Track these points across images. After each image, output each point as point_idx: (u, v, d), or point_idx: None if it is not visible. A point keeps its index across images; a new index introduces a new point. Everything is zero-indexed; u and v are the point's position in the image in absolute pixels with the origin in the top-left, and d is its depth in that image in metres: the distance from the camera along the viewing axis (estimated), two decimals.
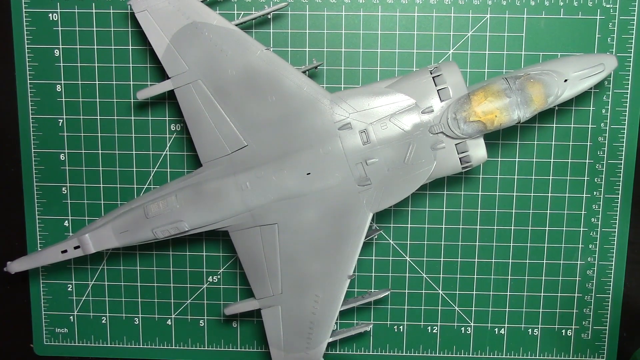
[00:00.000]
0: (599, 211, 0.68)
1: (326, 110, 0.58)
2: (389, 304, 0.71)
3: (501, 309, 0.70)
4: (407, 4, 0.65)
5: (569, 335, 0.71)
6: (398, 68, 0.66)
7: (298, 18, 0.65)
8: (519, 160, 0.67)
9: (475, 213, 0.68)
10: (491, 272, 0.69)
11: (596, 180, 0.68)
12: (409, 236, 0.69)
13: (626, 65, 0.65)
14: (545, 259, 0.69)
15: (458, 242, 0.69)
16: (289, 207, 0.59)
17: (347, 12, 0.65)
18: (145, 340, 0.72)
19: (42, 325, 0.72)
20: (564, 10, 0.65)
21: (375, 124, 0.57)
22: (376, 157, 0.57)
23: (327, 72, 0.66)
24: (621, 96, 0.66)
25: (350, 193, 0.58)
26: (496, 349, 0.71)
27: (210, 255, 0.70)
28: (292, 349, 0.63)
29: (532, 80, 0.57)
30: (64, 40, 0.66)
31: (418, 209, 0.69)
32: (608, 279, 0.69)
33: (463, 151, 0.58)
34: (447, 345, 0.71)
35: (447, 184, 0.68)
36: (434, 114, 0.57)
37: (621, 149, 0.67)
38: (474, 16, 0.65)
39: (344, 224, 0.59)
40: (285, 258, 0.61)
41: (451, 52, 0.66)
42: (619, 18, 0.65)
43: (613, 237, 0.69)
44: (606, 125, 0.67)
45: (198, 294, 0.71)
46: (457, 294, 0.70)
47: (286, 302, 0.62)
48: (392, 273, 0.70)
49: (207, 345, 0.72)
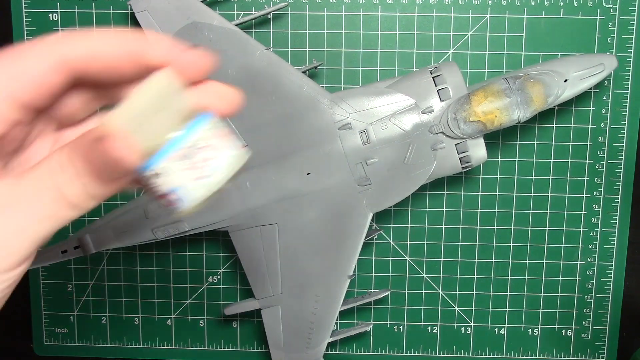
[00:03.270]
0: (599, 211, 0.68)
1: (326, 110, 0.58)
2: (389, 304, 0.71)
3: (501, 309, 0.70)
4: (407, 4, 0.65)
5: (569, 335, 0.71)
6: (398, 68, 0.66)
7: (298, 18, 0.65)
8: (519, 160, 0.67)
9: (475, 213, 0.68)
10: (491, 272, 0.69)
11: (596, 180, 0.68)
12: (409, 236, 0.69)
13: (626, 65, 0.65)
14: (545, 259, 0.69)
15: (458, 242, 0.69)
16: (289, 207, 0.59)
17: (347, 12, 0.65)
18: (145, 340, 0.72)
19: (42, 325, 0.72)
20: (564, 10, 0.65)
21: (375, 124, 0.57)
22: (376, 157, 0.57)
23: (327, 72, 0.66)
24: (621, 96, 0.66)
25: (350, 193, 0.58)
26: (496, 349, 0.71)
27: (210, 255, 0.70)
28: (292, 349, 0.63)
29: (532, 80, 0.57)
30: None
31: (418, 209, 0.69)
32: (608, 279, 0.69)
33: (463, 151, 0.58)
34: (447, 345, 0.71)
35: (447, 184, 0.68)
36: (434, 114, 0.57)
37: (621, 149, 0.67)
38: (474, 16, 0.65)
39: (344, 224, 0.59)
40: (285, 258, 0.61)
41: (451, 52, 0.66)
42: (619, 18, 0.65)
43: (613, 237, 0.68)
44: (606, 125, 0.67)
45: (198, 294, 0.71)
46: (457, 294, 0.70)
47: (286, 302, 0.62)
48: (392, 273, 0.70)
49: (207, 345, 0.72)
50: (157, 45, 0.28)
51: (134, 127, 0.26)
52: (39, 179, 0.26)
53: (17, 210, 0.25)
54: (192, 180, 0.29)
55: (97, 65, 0.27)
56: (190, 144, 0.29)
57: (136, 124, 0.26)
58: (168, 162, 0.28)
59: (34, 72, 0.27)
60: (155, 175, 0.27)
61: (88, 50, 0.27)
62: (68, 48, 0.27)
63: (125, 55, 0.28)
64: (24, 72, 0.27)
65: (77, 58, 0.27)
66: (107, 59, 0.27)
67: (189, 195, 0.29)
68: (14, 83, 0.27)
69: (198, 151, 0.29)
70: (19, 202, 0.25)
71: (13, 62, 0.27)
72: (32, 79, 0.27)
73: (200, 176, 0.29)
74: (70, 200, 0.26)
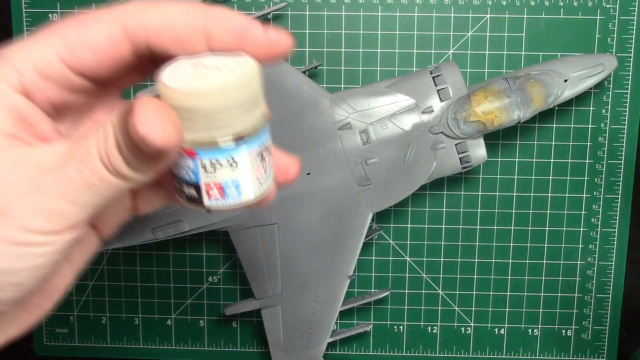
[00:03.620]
0: (599, 211, 0.68)
1: (326, 110, 0.58)
2: (389, 304, 0.71)
3: (501, 309, 0.70)
4: (407, 4, 0.65)
5: (569, 336, 0.71)
6: (398, 68, 0.66)
7: (298, 18, 0.65)
8: (519, 160, 0.67)
9: (475, 213, 0.68)
10: (491, 272, 0.69)
11: (596, 180, 0.68)
12: (409, 236, 0.69)
13: (626, 65, 0.65)
14: (545, 259, 0.69)
15: (458, 242, 0.69)
16: (289, 207, 0.59)
17: (347, 12, 0.65)
18: (145, 340, 0.72)
19: (42, 325, 0.72)
20: (564, 10, 0.65)
21: (375, 124, 0.57)
22: (376, 157, 0.57)
23: (327, 72, 0.66)
24: (621, 96, 0.66)
25: (350, 193, 0.58)
26: (496, 349, 0.71)
27: (210, 255, 0.70)
28: (292, 349, 0.63)
29: (532, 80, 0.57)
30: None
31: (418, 209, 0.69)
32: (608, 279, 0.69)
33: (463, 151, 0.58)
34: (447, 345, 0.71)
35: (447, 184, 0.68)
36: (434, 114, 0.57)
37: (621, 149, 0.67)
38: (474, 16, 0.65)
39: (344, 224, 0.59)
40: (285, 258, 0.61)
41: (451, 52, 0.66)
42: (619, 18, 0.65)
43: (613, 237, 0.68)
44: (606, 125, 0.67)
45: (198, 294, 0.71)
46: (457, 294, 0.70)
47: (286, 302, 0.62)
48: (392, 273, 0.70)
49: (207, 345, 0.72)
50: (231, 22, 0.27)
51: (191, 114, 0.25)
52: (87, 144, 0.26)
53: (64, 174, 0.25)
54: (253, 179, 0.28)
55: (162, 39, 0.27)
56: (266, 144, 0.29)
57: (203, 110, 0.25)
58: (245, 155, 0.27)
59: (96, 39, 0.27)
60: (216, 164, 0.27)
61: (154, 21, 0.27)
62: (133, 17, 0.27)
63: (192, 30, 0.27)
64: (87, 38, 0.27)
65: (144, 28, 0.27)
66: (171, 33, 0.27)
67: (244, 192, 0.28)
68: (76, 49, 0.27)
69: (267, 154, 0.29)
70: (66, 166, 0.25)
71: (76, 30, 0.27)
72: (94, 45, 0.27)
73: (260, 177, 0.29)
74: (115, 169, 0.26)
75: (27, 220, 0.25)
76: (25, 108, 0.27)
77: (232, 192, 0.28)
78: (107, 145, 0.25)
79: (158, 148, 0.24)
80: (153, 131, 0.24)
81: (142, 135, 0.24)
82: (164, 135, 0.24)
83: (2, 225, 0.25)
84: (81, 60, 0.27)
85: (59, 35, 0.27)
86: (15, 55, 0.27)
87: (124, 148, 0.25)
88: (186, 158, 0.27)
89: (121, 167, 0.26)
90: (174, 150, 0.26)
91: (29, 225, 0.25)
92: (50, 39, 0.27)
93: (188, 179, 0.27)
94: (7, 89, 0.27)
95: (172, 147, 0.25)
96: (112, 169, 0.26)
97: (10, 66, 0.27)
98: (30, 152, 0.26)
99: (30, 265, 0.26)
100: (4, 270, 0.26)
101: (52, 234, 0.26)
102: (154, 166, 0.26)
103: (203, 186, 0.27)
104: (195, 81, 0.26)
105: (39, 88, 0.27)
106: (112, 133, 0.25)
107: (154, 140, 0.24)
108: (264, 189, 0.29)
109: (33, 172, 0.26)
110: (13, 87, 0.27)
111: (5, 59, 0.27)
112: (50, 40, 0.27)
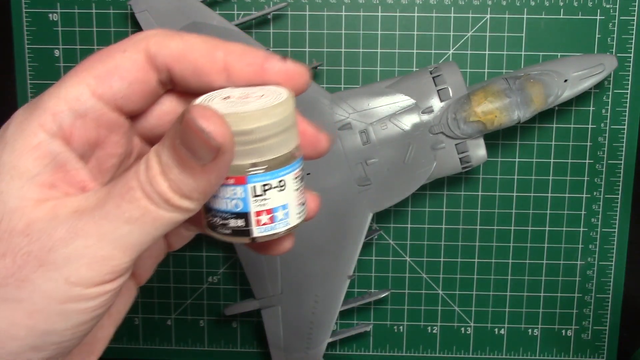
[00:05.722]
0: (599, 211, 0.68)
1: (326, 110, 0.58)
2: (389, 304, 0.71)
3: (501, 309, 0.70)
4: (407, 4, 0.65)
5: (569, 336, 0.71)
6: (398, 68, 0.66)
7: (298, 18, 0.65)
8: (519, 160, 0.67)
9: (475, 213, 0.68)
10: (491, 272, 0.70)
11: (596, 180, 0.68)
12: (409, 236, 0.69)
13: (626, 65, 0.65)
14: (545, 259, 0.69)
15: (458, 242, 0.69)
16: None
17: (347, 12, 0.65)
18: (145, 340, 0.72)
19: None
20: (564, 11, 0.65)
21: (375, 124, 0.57)
22: (376, 157, 0.57)
23: (327, 72, 0.66)
24: (621, 96, 0.66)
25: (350, 193, 0.58)
26: (496, 349, 0.71)
27: (210, 255, 0.70)
28: (292, 349, 0.63)
29: (532, 80, 0.57)
30: (64, 40, 0.66)
31: (418, 209, 0.69)
32: (608, 279, 0.69)
33: (463, 151, 0.58)
34: (447, 345, 0.71)
35: (447, 184, 0.68)
36: (434, 114, 0.57)
37: (621, 149, 0.67)
38: (474, 16, 0.65)
39: (344, 224, 0.59)
40: (285, 258, 0.61)
41: (451, 52, 0.66)
42: (619, 18, 0.65)
43: (613, 237, 0.69)
44: (606, 126, 0.67)
45: (198, 294, 0.71)
46: (457, 294, 0.70)
47: (286, 302, 0.62)
48: (392, 273, 0.70)
49: (207, 346, 0.72)
50: (250, 55, 0.28)
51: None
52: (126, 179, 0.25)
53: (103, 212, 0.24)
54: (298, 203, 0.28)
55: (182, 67, 0.27)
56: (302, 166, 0.28)
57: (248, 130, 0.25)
58: (292, 177, 0.27)
59: (125, 66, 0.27)
60: (266, 186, 0.26)
61: (176, 49, 0.27)
62: (156, 44, 0.27)
63: (212, 61, 0.27)
64: (115, 67, 0.27)
65: (165, 55, 0.27)
66: (191, 62, 0.27)
67: (291, 217, 0.28)
68: (107, 79, 0.27)
69: (302, 177, 0.29)
70: (104, 204, 0.24)
71: (103, 61, 0.27)
72: (124, 72, 0.27)
73: (301, 202, 0.28)
74: (161, 198, 0.24)
75: (68, 270, 0.24)
76: (63, 155, 0.26)
77: (281, 217, 0.27)
78: (150, 173, 0.24)
79: (218, 143, 0.23)
80: (213, 124, 0.23)
81: (201, 128, 0.23)
82: (223, 130, 0.23)
83: (42, 279, 0.24)
84: (113, 89, 0.27)
85: (88, 70, 0.27)
86: (50, 100, 0.26)
87: (172, 165, 0.24)
88: (232, 186, 0.26)
89: (167, 193, 0.24)
90: (230, 154, 0.24)
91: (70, 277, 0.24)
92: (80, 76, 0.27)
93: (234, 209, 0.26)
94: (44, 136, 0.25)
95: (229, 147, 0.24)
96: (156, 197, 0.24)
97: (47, 112, 0.26)
98: (67, 201, 0.25)
99: (73, 324, 0.25)
100: (47, 331, 0.24)
101: (96, 285, 0.24)
102: (202, 183, 0.25)
103: (253, 214, 0.26)
104: (238, 107, 0.25)
105: (76, 128, 0.27)
106: (156, 159, 0.24)
107: (215, 133, 0.23)
108: (304, 215, 0.29)
109: (71, 218, 0.24)
110: (51, 132, 0.26)
111: (41, 105, 0.26)
112: (81, 76, 0.27)
